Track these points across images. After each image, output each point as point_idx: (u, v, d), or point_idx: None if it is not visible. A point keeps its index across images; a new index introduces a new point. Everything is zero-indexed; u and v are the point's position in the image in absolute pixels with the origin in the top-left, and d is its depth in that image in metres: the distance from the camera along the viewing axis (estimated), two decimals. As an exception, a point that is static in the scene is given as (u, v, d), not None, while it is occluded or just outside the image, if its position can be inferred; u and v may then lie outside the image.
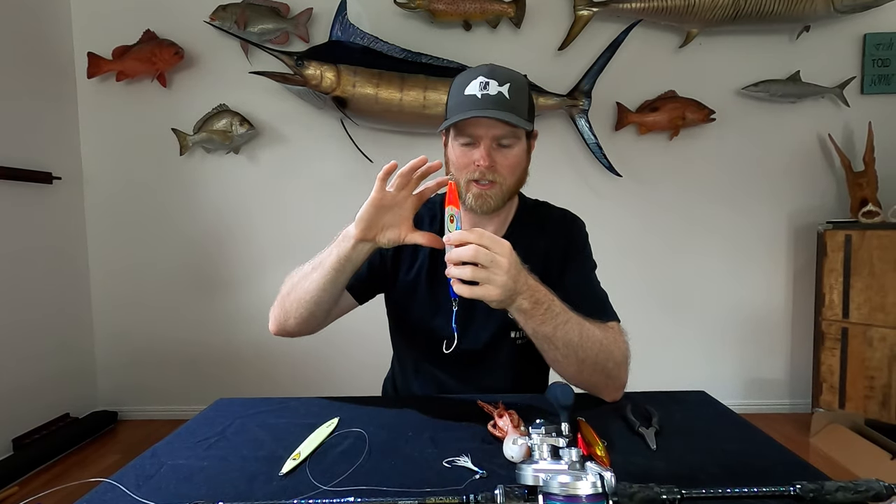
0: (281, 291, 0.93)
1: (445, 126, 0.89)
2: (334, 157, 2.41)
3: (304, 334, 0.95)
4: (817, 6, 2.21)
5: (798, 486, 0.53)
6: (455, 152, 0.90)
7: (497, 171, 0.88)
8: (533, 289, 0.75)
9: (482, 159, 0.86)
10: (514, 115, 0.85)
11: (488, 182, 0.88)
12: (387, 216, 0.80)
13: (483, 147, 0.87)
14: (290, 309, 0.90)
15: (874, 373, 2.11)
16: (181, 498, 0.61)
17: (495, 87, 0.85)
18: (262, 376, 2.48)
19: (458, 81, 0.90)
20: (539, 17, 2.36)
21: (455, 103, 0.89)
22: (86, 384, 2.47)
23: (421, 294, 0.99)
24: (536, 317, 0.76)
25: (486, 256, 0.69)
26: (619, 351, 0.84)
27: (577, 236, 1.01)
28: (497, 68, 0.89)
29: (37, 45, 2.24)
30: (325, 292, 0.86)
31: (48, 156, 2.26)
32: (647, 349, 2.45)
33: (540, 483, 0.49)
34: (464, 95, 0.87)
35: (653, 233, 2.46)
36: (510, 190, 0.92)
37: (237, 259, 2.48)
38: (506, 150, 0.89)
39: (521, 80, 0.89)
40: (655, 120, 2.35)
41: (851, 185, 2.28)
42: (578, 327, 0.79)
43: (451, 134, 0.91)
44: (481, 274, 0.69)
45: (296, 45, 2.34)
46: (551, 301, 0.77)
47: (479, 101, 0.85)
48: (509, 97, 0.85)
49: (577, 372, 0.82)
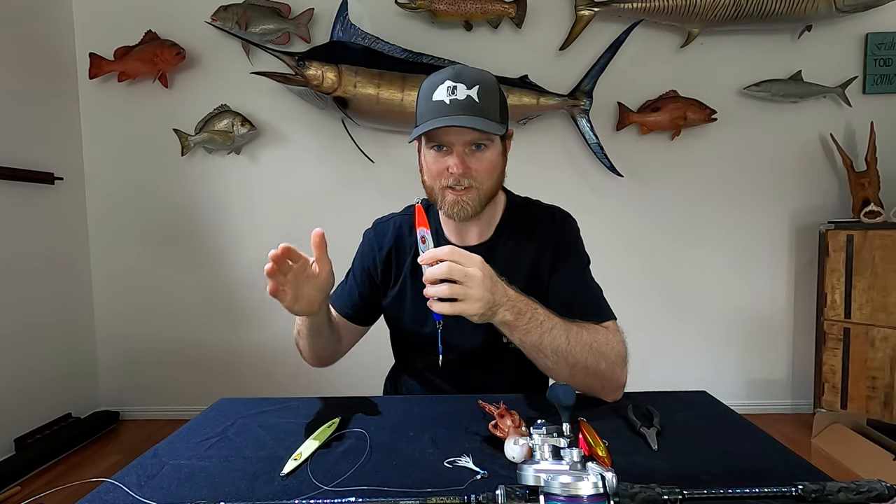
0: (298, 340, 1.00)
1: (415, 136, 0.87)
2: (335, 158, 2.41)
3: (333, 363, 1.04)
4: (819, 6, 2.20)
5: (800, 487, 0.53)
6: (428, 159, 0.89)
7: (472, 175, 0.86)
8: (514, 299, 0.75)
9: (455, 166, 0.85)
10: (484, 119, 0.83)
11: (464, 188, 0.86)
12: (305, 289, 0.79)
13: (456, 154, 0.85)
14: (308, 356, 1.01)
15: (876, 373, 2.10)
16: (182, 498, 0.61)
17: (463, 90, 0.83)
18: (264, 376, 2.48)
19: (425, 86, 0.88)
20: (540, 17, 2.36)
21: (424, 110, 0.86)
22: (87, 384, 2.47)
23: (408, 305, 1.00)
24: (521, 327, 0.76)
25: (460, 272, 0.69)
26: (612, 351, 0.83)
27: (567, 234, 0.98)
28: (464, 70, 0.86)
29: (38, 45, 2.25)
30: (320, 346, 0.97)
31: (50, 156, 2.27)
32: (648, 349, 2.47)
33: (541, 483, 0.49)
34: (432, 101, 0.84)
35: (654, 233, 2.46)
36: (488, 193, 0.90)
37: (238, 259, 2.48)
38: (480, 152, 0.87)
39: (489, 81, 0.87)
40: (657, 120, 2.35)
41: (853, 184, 2.27)
42: (565, 333, 0.79)
43: (423, 141, 0.89)
44: (458, 290, 0.69)
45: (297, 46, 2.34)
46: (534, 310, 0.77)
47: (448, 106, 0.83)
48: (479, 100, 0.83)
49: (569, 376, 0.81)
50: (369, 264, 1.03)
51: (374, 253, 1.02)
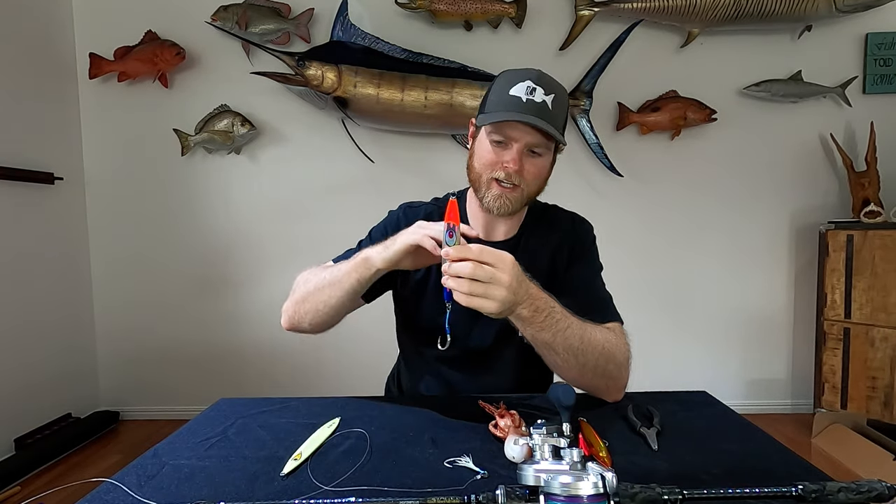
0: (294, 292, 0.94)
1: (487, 122, 0.88)
2: (335, 158, 2.41)
3: (317, 333, 0.97)
4: (819, 6, 2.20)
5: (800, 487, 0.53)
6: (484, 147, 0.90)
7: (523, 176, 0.88)
8: (534, 297, 0.75)
9: (512, 162, 0.86)
10: (553, 127, 0.85)
11: (512, 185, 0.88)
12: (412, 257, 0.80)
13: (515, 150, 0.87)
14: (306, 314, 0.92)
15: (876, 373, 2.10)
16: (182, 498, 0.61)
17: (541, 94, 0.85)
18: (264, 376, 2.48)
19: (503, 78, 0.90)
20: (540, 17, 2.36)
21: (497, 100, 0.88)
22: (87, 384, 2.47)
23: (430, 293, 0.99)
24: (535, 324, 0.76)
25: (486, 274, 0.69)
26: (620, 353, 0.84)
27: (585, 238, 1.02)
28: (545, 76, 0.89)
29: (39, 45, 2.25)
30: (343, 307, 0.89)
31: (50, 156, 2.26)
32: (648, 349, 2.45)
33: (541, 483, 0.49)
34: (508, 95, 0.86)
35: (654, 233, 2.46)
36: (530, 196, 0.92)
37: (238, 259, 2.48)
38: (535, 158, 0.89)
39: (563, 94, 0.90)
40: (657, 120, 2.35)
41: (853, 184, 2.27)
42: (580, 332, 0.79)
43: (484, 128, 0.91)
44: (478, 289, 0.69)
45: (297, 46, 2.34)
46: (551, 308, 0.77)
47: (524, 104, 0.85)
48: (552, 108, 0.86)
49: (578, 375, 0.82)
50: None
51: None
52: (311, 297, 0.90)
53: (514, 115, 0.84)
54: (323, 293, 0.88)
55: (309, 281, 0.92)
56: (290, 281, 0.97)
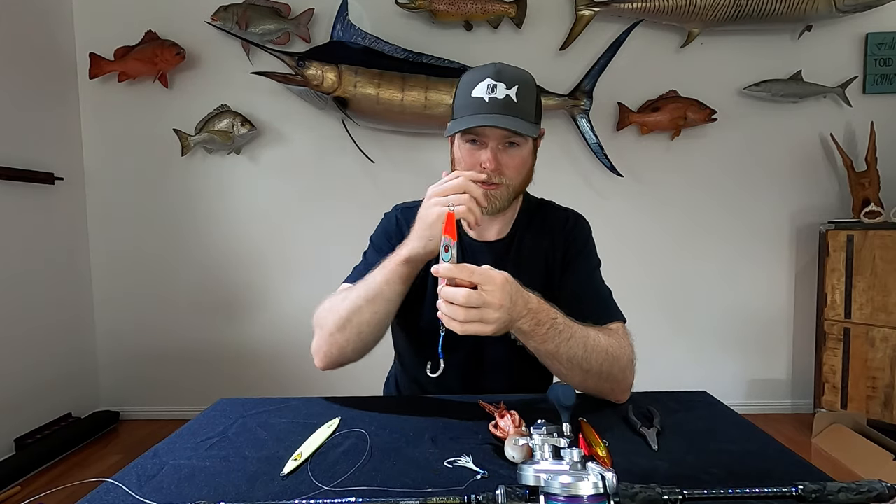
0: (322, 328, 0.89)
1: (452, 132, 0.88)
2: (335, 158, 2.41)
3: (360, 359, 0.92)
4: (819, 6, 2.20)
5: (800, 487, 0.53)
6: (461, 151, 0.90)
7: (503, 172, 0.88)
8: (534, 311, 0.74)
9: (489, 162, 0.86)
10: (520, 120, 0.84)
11: (494, 184, 0.87)
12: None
13: (490, 149, 0.86)
14: (347, 343, 0.87)
15: (876, 373, 2.10)
16: (183, 498, 0.61)
17: (503, 90, 0.84)
18: (264, 376, 2.48)
19: (465, 80, 0.89)
20: (540, 17, 2.36)
21: (462, 104, 0.88)
22: (87, 384, 2.47)
23: (429, 294, 0.98)
24: (538, 336, 0.76)
25: (478, 299, 0.68)
26: (624, 356, 0.83)
27: (580, 235, 1.00)
28: (505, 69, 0.88)
29: (39, 45, 2.25)
30: (389, 318, 0.87)
31: (50, 156, 2.26)
32: (648, 349, 2.45)
33: (541, 483, 0.49)
34: (471, 97, 0.86)
35: (654, 233, 2.46)
36: (517, 190, 0.92)
37: (238, 259, 2.47)
38: (513, 149, 0.88)
39: (528, 81, 0.89)
40: (657, 120, 2.35)
41: (853, 184, 2.27)
42: (583, 340, 0.78)
43: (458, 133, 0.90)
44: (472, 314, 0.68)
45: (297, 46, 2.34)
46: (553, 320, 0.76)
47: (487, 104, 0.84)
48: (517, 101, 0.85)
49: (581, 381, 0.81)
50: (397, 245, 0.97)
51: (403, 237, 0.98)
52: (348, 324, 0.85)
53: (477, 118, 0.84)
54: (363, 314, 0.84)
55: (335, 310, 0.87)
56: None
